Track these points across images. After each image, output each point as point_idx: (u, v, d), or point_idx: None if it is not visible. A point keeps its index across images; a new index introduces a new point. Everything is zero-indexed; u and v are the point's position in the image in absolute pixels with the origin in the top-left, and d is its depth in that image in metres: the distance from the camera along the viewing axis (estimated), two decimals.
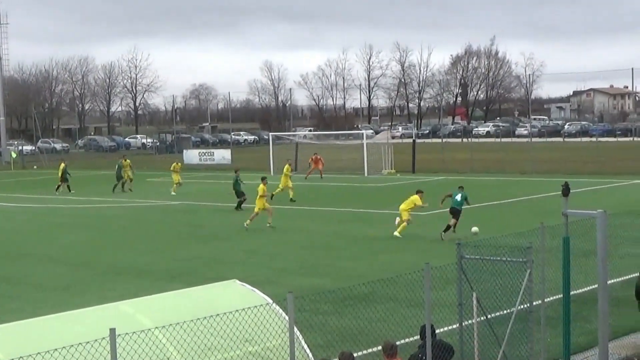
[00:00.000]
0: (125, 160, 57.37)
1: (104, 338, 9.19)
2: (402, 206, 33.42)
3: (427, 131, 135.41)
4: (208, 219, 40.94)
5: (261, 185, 36.78)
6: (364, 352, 15.80)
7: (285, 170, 48.52)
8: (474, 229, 29.44)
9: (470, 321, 14.20)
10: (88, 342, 9.37)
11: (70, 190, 54.92)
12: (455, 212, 32.62)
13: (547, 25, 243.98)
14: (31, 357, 9.02)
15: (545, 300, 15.24)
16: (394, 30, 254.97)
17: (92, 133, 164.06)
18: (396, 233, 32.69)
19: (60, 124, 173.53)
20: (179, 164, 56.13)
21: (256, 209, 36.52)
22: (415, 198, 33.44)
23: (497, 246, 14.87)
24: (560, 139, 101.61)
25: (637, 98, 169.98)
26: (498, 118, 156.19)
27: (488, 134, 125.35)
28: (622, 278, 21.26)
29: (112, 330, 8.95)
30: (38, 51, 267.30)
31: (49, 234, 37.58)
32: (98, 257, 31.00)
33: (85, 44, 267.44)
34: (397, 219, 33.34)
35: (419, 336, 13.14)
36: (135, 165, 59.93)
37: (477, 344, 14.11)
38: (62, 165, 56.04)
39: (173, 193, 52.24)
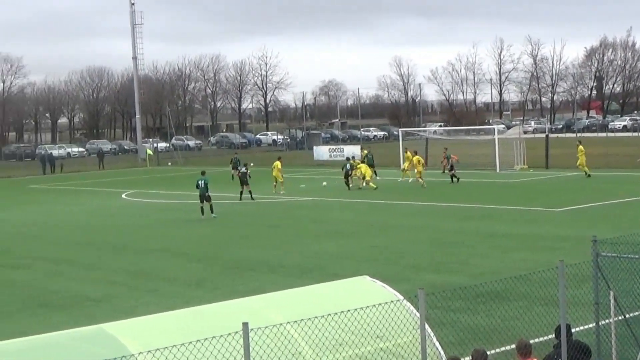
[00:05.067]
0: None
1: (237, 332, 9.26)
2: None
3: (561, 126, 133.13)
4: (336, 215, 41.04)
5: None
6: (497, 350, 15.57)
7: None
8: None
9: (607, 320, 13.83)
10: (222, 335, 9.45)
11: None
12: None
13: None
14: (167, 349, 9.17)
15: None
16: (525, 24, 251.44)
17: (224, 130, 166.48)
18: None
19: (193, 122, 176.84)
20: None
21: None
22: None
23: (636, 244, 14.44)
24: None
25: None
26: (635, 112, 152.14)
27: (625, 128, 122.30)
28: None
29: (245, 325, 9.00)
30: (171, 50, 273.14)
31: (182, 230, 38.24)
32: (229, 252, 31.43)
33: (217, 43, 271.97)
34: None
35: (554, 335, 12.86)
36: (266, 162, 60.40)
37: (615, 345, 13.73)
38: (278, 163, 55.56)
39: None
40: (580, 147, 56.17)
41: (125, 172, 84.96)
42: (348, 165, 55.81)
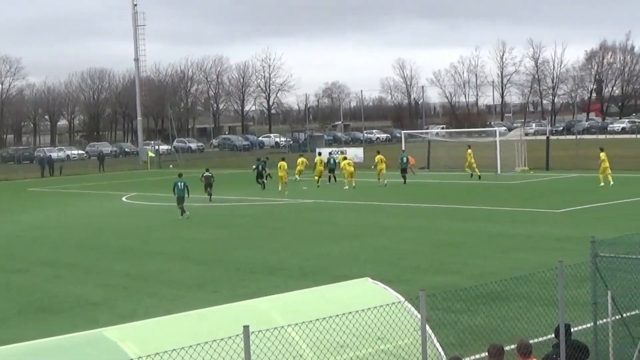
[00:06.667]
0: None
1: (237, 335, 9.30)
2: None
3: (561, 128, 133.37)
4: (339, 217, 41.08)
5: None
6: None
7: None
8: None
9: (605, 320, 13.88)
10: (222, 339, 9.50)
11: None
12: None
13: None
14: (166, 353, 9.20)
15: None
16: (527, 26, 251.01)
17: (227, 132, 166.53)
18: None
19: (195, 124, 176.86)
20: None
21: None
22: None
23: (633, 244, 14.49)
24: None
25: None
26: (634, 114, 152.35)
27: (623, 131, 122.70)
28: None
29: (246, 328, 9.04)
30: (173, 52, 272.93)
31: (183, 232, 38.20)
32: (231, 255, 31.43)
33: (219, 45, 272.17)
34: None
35: (554, 335, 12.92)
36: (269, 164, 60.48)
37: (612, 344, 13.79)
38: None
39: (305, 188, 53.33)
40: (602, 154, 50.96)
41: (126, 174, 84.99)
42: (260, 167, 57.82)
